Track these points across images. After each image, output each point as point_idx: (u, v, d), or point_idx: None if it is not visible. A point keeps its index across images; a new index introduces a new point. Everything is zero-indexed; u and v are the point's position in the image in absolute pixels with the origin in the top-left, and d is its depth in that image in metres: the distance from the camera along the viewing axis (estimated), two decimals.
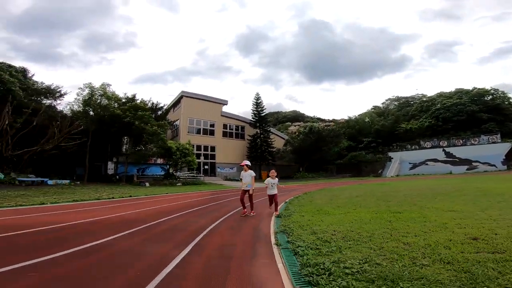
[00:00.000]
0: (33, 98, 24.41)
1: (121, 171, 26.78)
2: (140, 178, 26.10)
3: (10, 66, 24.93)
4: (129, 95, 28.48)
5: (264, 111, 41.31)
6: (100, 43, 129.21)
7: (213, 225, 5.38)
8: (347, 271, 2.47)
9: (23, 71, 26.49)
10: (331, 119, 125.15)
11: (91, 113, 25.01)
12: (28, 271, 2.54)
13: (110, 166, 28.69)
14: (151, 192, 13.58)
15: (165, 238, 4.29)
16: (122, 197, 10.59)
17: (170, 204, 9.11)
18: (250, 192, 6.63)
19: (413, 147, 46.52)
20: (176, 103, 39.00)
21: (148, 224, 5.31)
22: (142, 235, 4.44)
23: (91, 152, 23.69)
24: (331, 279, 2.34)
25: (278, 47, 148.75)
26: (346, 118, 69.05)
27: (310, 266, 2.68)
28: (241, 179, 7.01)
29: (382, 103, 73.51)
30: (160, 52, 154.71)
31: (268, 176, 7.11)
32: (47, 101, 26.68)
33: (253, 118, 40.71)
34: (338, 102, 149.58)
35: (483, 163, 37.76)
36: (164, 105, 36.86)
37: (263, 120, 40.82)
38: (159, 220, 5.80)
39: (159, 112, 32.73)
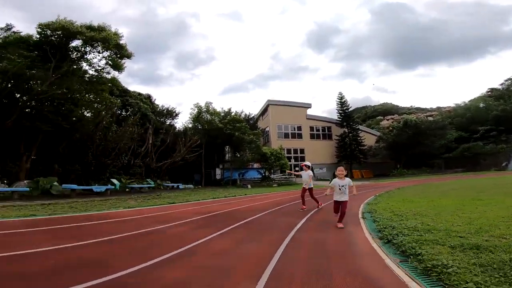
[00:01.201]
0: (158, 119, 32.01)
1: (226, 176, 31.93)
2: (242, 181, 30.52)
3: (139, 94, 32.98)
4: (225, 109, 33.67)
5: (349, 109, 40.78)
6: (187, 61, 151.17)
7: (314, 210, 7.41)
8: (404, 227, 4.07)
9: (149, 97, 34.65)
10: (434, 107, 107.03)
11: (199, 127, 30.84)
12: (239, 227, 5.17)
13: (218, 172, 34.50)
14: (256, 192, 16.72)
15: (287, 216, 6.63)
16: (240, 195, 13.92)
17: (275, 199, 11.63)
18: (310, 187, 7.60)
19: None
20: (264, 111, 42.95)
21: (270, 210, 7.79)
22: (272, 215, 6.90)
23: (204, 161, 29.44)
24: (393, 229, 4.01)
25: (353, 38, 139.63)
26: (453, 105, 59.17)
27: (382, 226, 4.39)
28: (301, 177, 8.05)
29: (501, 84, 59.10)
30: (238, 62, 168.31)
31: (334, 176, 5.63)
32: (167, 121, 34.33)
33: (338, 117, 40.72)
34: (441, 88, 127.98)
35: None
36: (253, 114, 41.25)
37: (350, 118, 40.29)
38: (275, 208, 8.23)
39: (251, 121, 37.18)
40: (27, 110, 13.43)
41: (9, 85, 12.42)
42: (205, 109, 30.81)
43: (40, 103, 13.58)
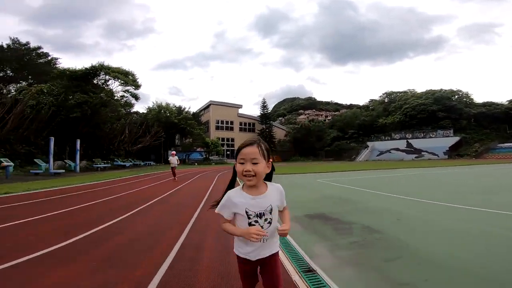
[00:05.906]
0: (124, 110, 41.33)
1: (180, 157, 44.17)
2: (189, 160, 43.42)
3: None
4: (177, 105, 45.27)
5: (269, 111, 57.08)
6: (120, 30, 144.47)
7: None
8: None
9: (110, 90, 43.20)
10: (348, 103, 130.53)
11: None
12: (207, 173, 18.96)
13: (169, 153, 46.28)
14: (203, 167, 30.36)
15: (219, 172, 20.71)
16: (196, 168, 27.32)
17: (215, 169, 25.46)
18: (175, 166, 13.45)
19: (386, 138, 59.69)
20: (206, 107, 55.57)
21: (221, 173, 21.77)
22: (215, 172, 20.86)
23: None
24: None
25: (298, 28, 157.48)
26: (368, 101, 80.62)
27: None
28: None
29: (380, 96, 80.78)
30: (179, 37, 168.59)
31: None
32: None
33: (260, 117, 56.58)
34: (362, 84, 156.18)
35: (429, 153, 50.54)
36: (196, 110, 53.29)
37: (268, 118, 56.66)
38: (220, 173, 22.23)
39: (196, 118, 49.58)
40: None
41: None
42: (165, 108, 42.02)
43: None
